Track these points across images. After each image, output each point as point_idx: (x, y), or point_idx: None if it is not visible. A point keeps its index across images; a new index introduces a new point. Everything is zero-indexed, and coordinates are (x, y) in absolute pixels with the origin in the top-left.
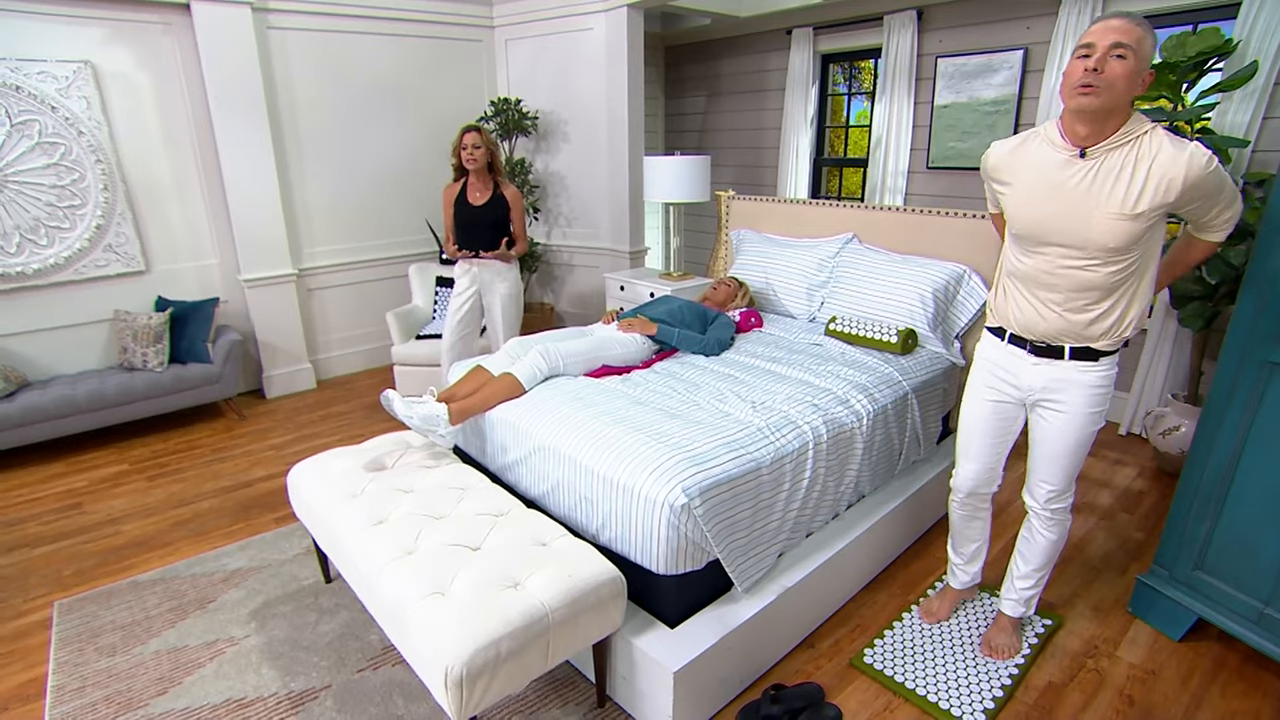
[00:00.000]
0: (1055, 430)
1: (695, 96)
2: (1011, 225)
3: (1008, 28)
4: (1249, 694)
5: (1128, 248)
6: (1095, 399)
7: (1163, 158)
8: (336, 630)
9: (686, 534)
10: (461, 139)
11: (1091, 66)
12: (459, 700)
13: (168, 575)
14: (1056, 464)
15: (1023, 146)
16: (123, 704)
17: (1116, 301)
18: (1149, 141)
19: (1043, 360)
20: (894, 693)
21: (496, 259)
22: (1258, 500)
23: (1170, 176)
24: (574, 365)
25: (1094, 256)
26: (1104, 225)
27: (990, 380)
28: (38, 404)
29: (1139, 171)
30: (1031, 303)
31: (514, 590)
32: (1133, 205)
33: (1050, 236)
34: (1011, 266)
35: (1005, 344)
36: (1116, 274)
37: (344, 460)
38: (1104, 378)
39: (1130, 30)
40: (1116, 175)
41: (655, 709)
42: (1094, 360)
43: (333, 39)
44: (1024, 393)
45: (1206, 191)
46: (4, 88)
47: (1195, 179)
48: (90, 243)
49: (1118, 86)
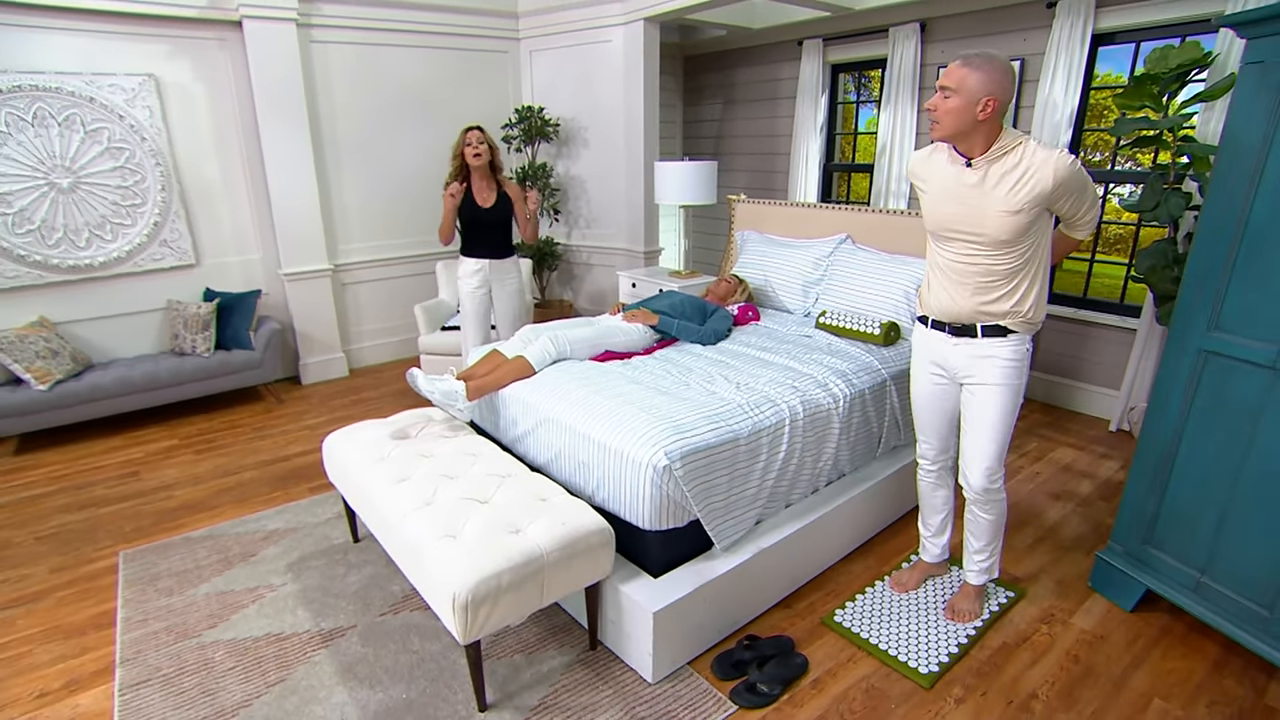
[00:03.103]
0: (979, 404)
1: (712, 104)
2: (926, 222)
3: (1005, 39)
4: (1187, 656)
5: (1017, 239)
6: (1009, 372)
7: (1036, 161)
8: (362, 581)
9: (668, 493)
10: (465, 137)
11: (929, 106)
12: (464, 622)
13: (215, 533)
14: (986, 435)
15: (931, 157)
16: (180, 633)
17: (1016, 285)
18: (1023, 150)
19: (960, 340)
20: (859, 647)
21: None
22: (1196, 478)
23: (1043, 175)
24: (580, 350)
25: (992, 247)
26: (995, 220)
27: (926, 364)
28: (100, 383)
29: (1015, 174)
30: (948, 289)
31: (515, 535)
32: (1015, 203)
33: (955, 232)
34: (933, 259)
35: (929, 329)
36: (1013, 261)
37: (373, 430)
38: (1014, 352)
39: (954, 72)
40: (1000, 179)
41: (639, 649)
42: (1003, 336)
43: (369, 51)
44: (951, 372)
45: (1074, 188)
46: (79, 99)
47: (1063, 176)
48: (148, 238)
49: (946, 120)
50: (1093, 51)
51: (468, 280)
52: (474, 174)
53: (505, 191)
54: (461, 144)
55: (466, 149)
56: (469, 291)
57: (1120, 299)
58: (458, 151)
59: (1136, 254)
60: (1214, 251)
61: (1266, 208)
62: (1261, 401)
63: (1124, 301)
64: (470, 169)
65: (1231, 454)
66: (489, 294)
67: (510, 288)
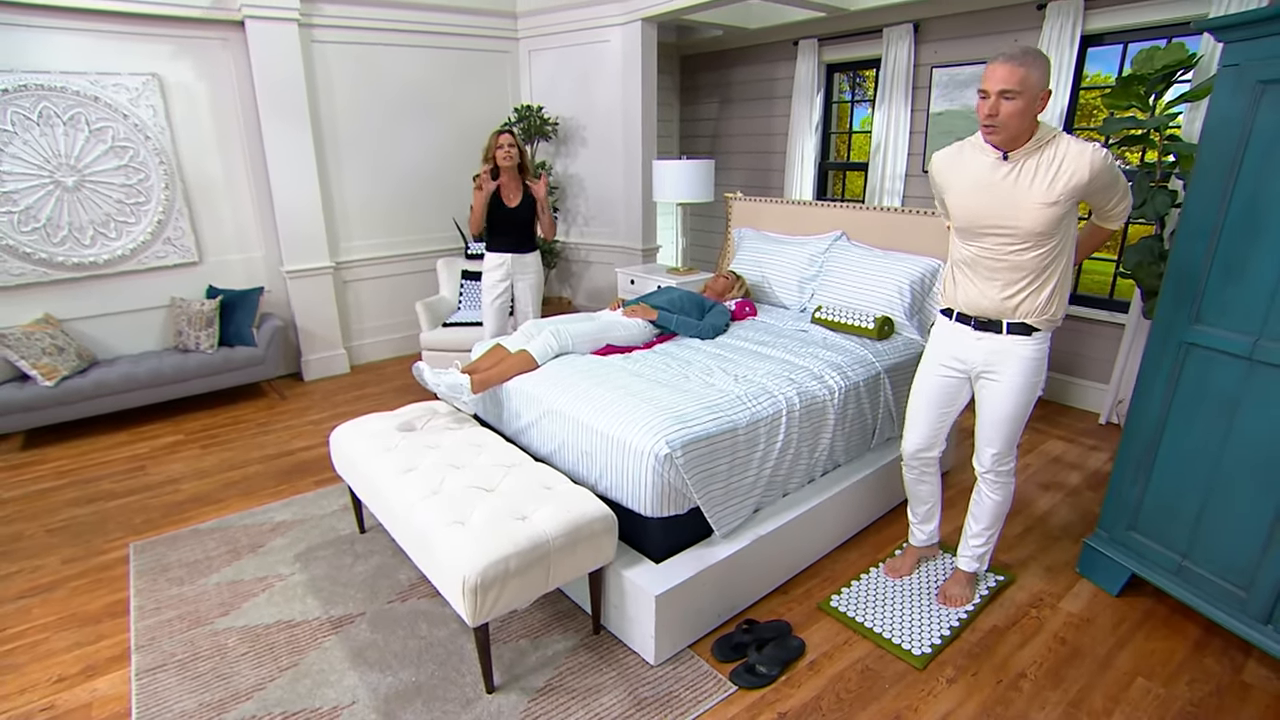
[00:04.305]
0: (996, 398)
1: (709, 103)
2: (954, 220)
3: (997, 40)
4: (1169, 637)
5: (1051, 232)
6: (1030, 369)
7: (1071, 155)
8: (370, 570)
9: (669, 481)
10: (498, 139)
11: (988, 111)
12: (473, 605)
13: (223, 525)
14: (998, 429)
15: (959, 154)
16: (192, 621)
17: (1045, 282)
18: (1057, 144)
19: (984, 335)
20: (854, 631)
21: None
22: (1178, 465)
23: (1079, 167)
24: (582, 344)
25: (1025, 241)
26: (1031, 213)
27: (941, 357)
28: (105, 379)
29: (1053, 168)
30: (976, 284)
31: (522, 521)
32: (1054, 195)
33: (987, 226)
34: (958, 255)
35: (953, 322)
36: (1043, 257)
37: (380, 423)
38: (1037, 350)
39: (1014, 73)
40: (1035, 172)
41: (641, 633)
42: (1027, 334)
43: (370, 50)
44: (968, 366)
45: (1106, 182)
46: (84, 99)
47: (1097, 170)
48: (152, 236)
49: (1011, 123)
50: (1082, 52)
51: (491, 274)
52: (503, 174)
53: (532, 194)
54: (493, 147)
55: (498, 152)
56: (491, 284)
57: (1109, 295)
58: (489, 155)
59: (1124, 251)
60: (1194, 247)
61: (1243, 204)
62: (1239, 392)
63: (1113, 297)
64: (500, 170)
65: (1211, 442)
66: (510, 288)
67: (530, 280)
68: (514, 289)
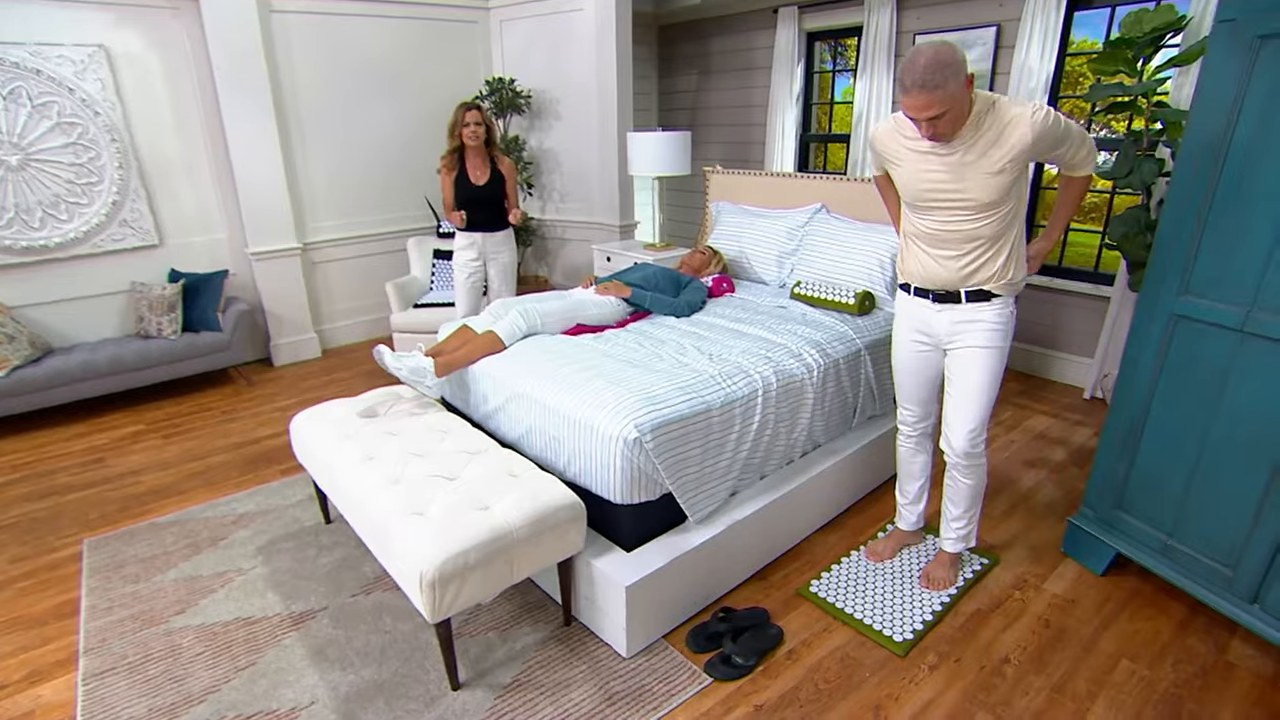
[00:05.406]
0: (964, 366)
1: (687, 75)
2: (904, 195)
3: (981, 6)
4: (1154, 617)
5: (1001, 200)
6: (994, 335)
7: (1011, 121)
8: (334, 563)
9: (639, 466)
10: (463, 116)
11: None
12: (432, 601)
13: (183, 518)
14: (970, 400)
15: (898, 129)
16: (146, 620)
17: (1000, 248)
18: (995, 112)
19: (945, 306)
20: (834, 617)
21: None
22: (1165, 442)
23: (1020, 133)
24: (551, 324)
25: (975, 210)
26: (978, 183)
27: (909, 332)
28: (62, 369)
29: (995, 136)
30: (932, 255)
31: (483, 511)
32: (996, 164)
33: (936, 199)
34: (911, 229)
35: (912, 296)
36: (996, 223)
37: (341, 409)
38: (999, 315)
39: (933, 99)
40: (976, 142)
41: (612, 624)
42: (987, 300)
43: (333, 21)
44: (935, 338)
45: (1055, 138)
46: (25, 71)
47: (1039, 130)
48: (107, 218)
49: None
50: (1069, 16)
51: (463, 253)
52: (469, 152)
53: (499, 169)
54: (459, 123)
55: (464, 129)
56: (464, 263)
57: (1094, 267)
58: (454, 130)
59: (1110, 221)
60: (1184, 215)
61: (1236, 169)
62: (1228, 364)
63: (1098, 269)
64: (465, 147)
65: (1199, 417)
66: (483, 267)
67: (503, 260)
68: (486, 270)
